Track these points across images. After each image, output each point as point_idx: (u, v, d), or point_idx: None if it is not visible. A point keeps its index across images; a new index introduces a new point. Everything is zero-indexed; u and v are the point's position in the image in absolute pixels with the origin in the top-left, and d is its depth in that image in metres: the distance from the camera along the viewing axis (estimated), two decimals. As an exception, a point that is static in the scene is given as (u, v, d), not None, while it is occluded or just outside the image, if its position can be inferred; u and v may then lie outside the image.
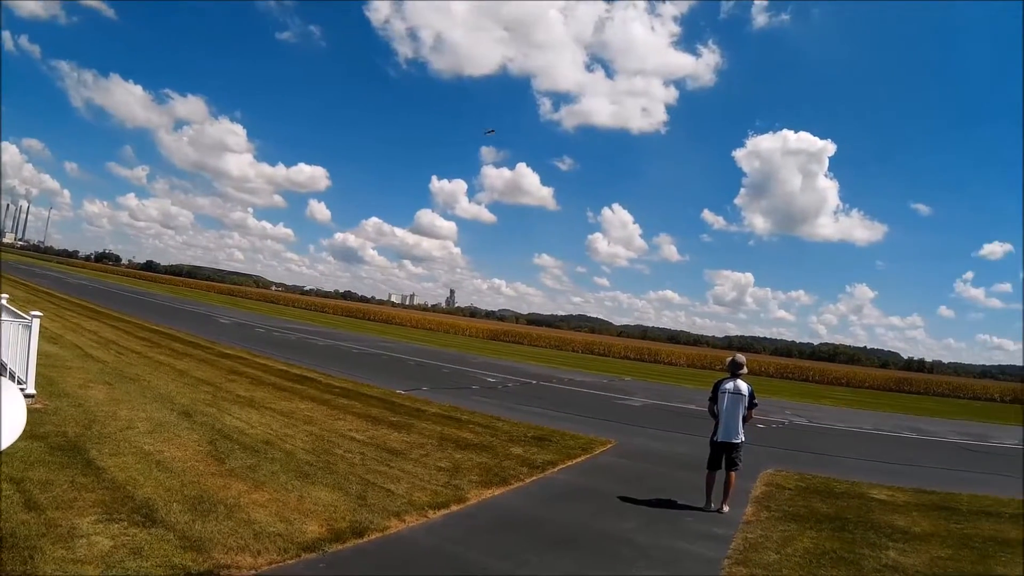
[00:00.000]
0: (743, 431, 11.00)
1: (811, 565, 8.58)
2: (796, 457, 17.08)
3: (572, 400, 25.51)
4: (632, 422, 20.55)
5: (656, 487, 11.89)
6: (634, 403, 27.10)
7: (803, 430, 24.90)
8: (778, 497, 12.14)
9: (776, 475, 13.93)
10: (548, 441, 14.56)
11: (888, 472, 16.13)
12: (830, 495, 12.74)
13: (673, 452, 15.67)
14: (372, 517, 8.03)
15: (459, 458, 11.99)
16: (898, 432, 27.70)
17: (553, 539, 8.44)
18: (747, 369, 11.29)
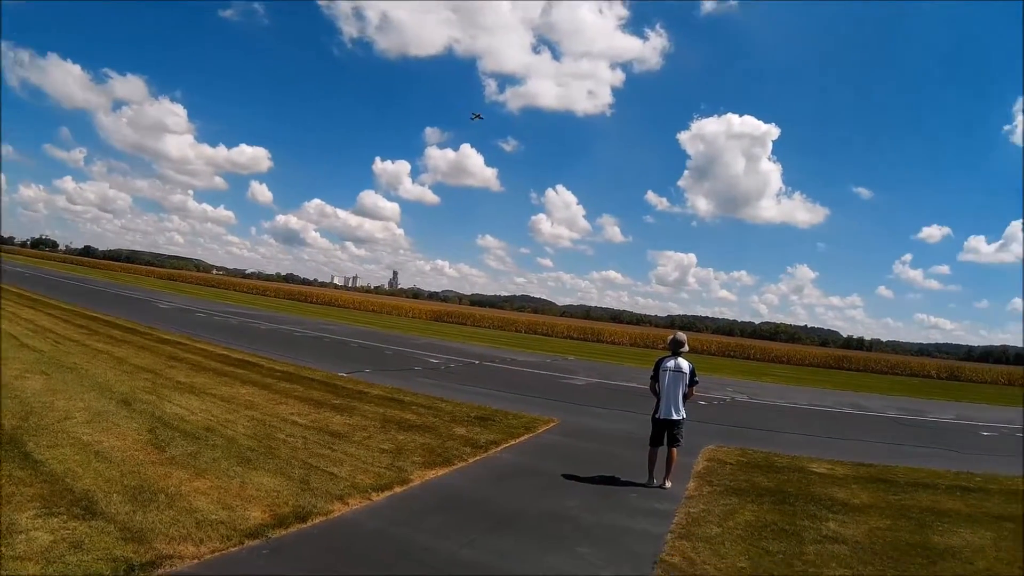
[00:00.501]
0: (684, 408, 11.15)
1: (753, 538, 8.73)
2: (737, 433, 17.29)
3: (515, 380, 25.61)
4: (575, 401, 20.73)
5: (599, 465, 11.97)
6: (577, 382, 27.25)
7: (744, 407, 25.20)
8: (720, 472, 12.31)
9: (718, 451, 14.12)
10: (491, 421, 14.64)
11: (828, 447, 16.46)
12: (771, 469, 12.95)
13: (616, 430, 15.81)
14: (315, 501, 8.03)
15: (402, 440, 11.99)
16: (837, 408, 28.17)
17: (497, 518, 8.49)
18: (688, 347, 11.42)
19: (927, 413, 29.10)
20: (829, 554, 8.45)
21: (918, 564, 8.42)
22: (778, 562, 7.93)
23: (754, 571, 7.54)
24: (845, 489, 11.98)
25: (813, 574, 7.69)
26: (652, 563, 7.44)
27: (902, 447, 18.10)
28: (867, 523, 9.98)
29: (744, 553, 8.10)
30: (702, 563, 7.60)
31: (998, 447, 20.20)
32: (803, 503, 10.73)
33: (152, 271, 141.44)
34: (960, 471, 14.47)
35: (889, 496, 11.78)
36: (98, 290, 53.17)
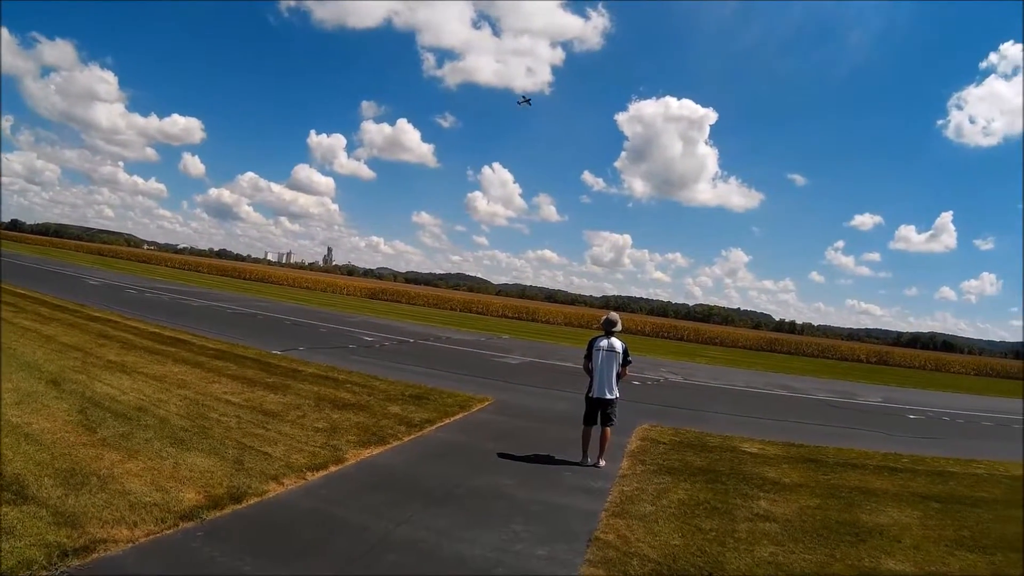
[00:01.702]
0: (617, 388, 11.22)
1: (686, 516, 8.85)
2: (671, 413, 17.45)
3: (450, 358, 25.65)
4: (509, 380, 20.74)
5: (533, 443, 12.06)
6: (512, 361, 27.39)
7: (678, 387, 25.45)
8: (653, 451, 12.45)
9: (651, 430, 14.28)
10: (426, 399, 14.61)
11: (759, 427, 16.71)
12: (703, 449, 13.13)
13: (550, 409, 15.93)
14: (250, 482, 7.96)
15: (337, 418, 11.95)
16: (769, 389, 28.57)
17: (432, 497, 8.49)
18: (621, 327, 11.47)
19: (856, 396, 29.76)
20: (760, 532, 8.59)
21: (847, 542, 8.59)
22: (711, 539, 8.04)
23: (687, 548, 7.64)
24: (776, 468, 12.18)
25: (745, 551, 7.80)
26: (586, 540, 7.50)
27: (832, 428, 18.51)
28: (797, 502, 10.17)
29: (677, 531, 8.20)
30: (636, 540, 7.67)
31: (924, 429, 20.71)
32: (735, 482, 10.89)
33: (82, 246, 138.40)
34: (888, 452, 14.84)
35: (819, 476, 12.01)
36: (26, 266, 51.95)
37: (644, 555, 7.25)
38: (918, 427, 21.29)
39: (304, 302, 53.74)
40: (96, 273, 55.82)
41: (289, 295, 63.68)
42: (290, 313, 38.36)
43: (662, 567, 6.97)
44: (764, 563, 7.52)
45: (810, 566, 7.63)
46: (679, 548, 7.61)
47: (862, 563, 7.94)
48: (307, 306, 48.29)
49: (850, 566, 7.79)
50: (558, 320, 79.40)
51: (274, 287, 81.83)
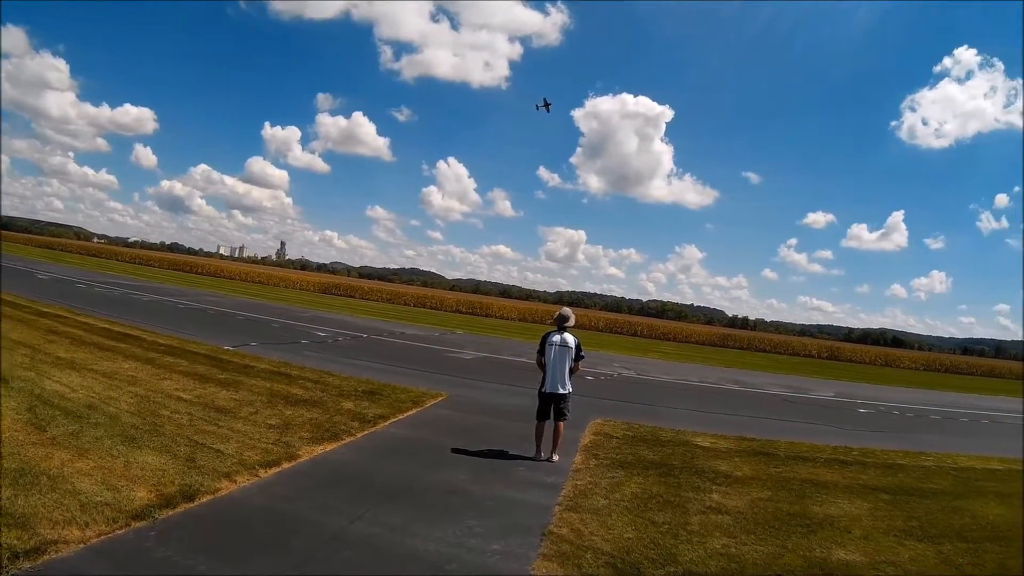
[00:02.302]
0: (570, 382, 11.24)
1: (639, 509, 8.93)
2: (624, 408, 17.61)
3: (403, 354, 25.53)
4: (463, 375, 20.79)
5: (487, 438, 12.08)
6: (465, 356, 27.33)
7: (631, 382, 25.59)
8: (606, 446, 12.52)
9: (604, 425, 14.36)
10: (379, 395, 14.57)
11: (712, 421, 16.89)
12: (656, 443, 13.21)
13: (504, 404, 15.91)
14: (202, 479, 7.89)
15: (289, 415, 11.88)
16: (722, 384, 28.92)
17: (386, 493, 8.48)
18: (574, 322, 11.53)
19: (808, 390, 30.18)
20: (713, 524, 8.69)
21: (798, 533, 8.71)
22: (664, 532, 8.11)
23: (640, 541, 7.69)
24: (728, 462, 12.31)
25: (697, 543, 7.87)
26: (540, 535, 7.55)
27: (783, 422, 18.69)
28: (749, 494, 10.30)
29: (631, 524, 8.28)
30: (590, 534, 7.72)
31: (874, 423, 21.00)
32: (687, 475, 11.00)
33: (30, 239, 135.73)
34: (838, 445, 15.06)
35: (770, 468, 12.16)
36: (-30, 261, 51.19)
37: (598, 548, 7.30)
38: (868, 421, 21.60)
39: (257, 297, 53.31)
40: (45, 267, 54.96)
41: (242, 290, 63.00)
42: (243, 308, 37.97)
43: (616, 560, 7.02)
44: (717, 555, 7.60)
45: (762, 557, 7.71)
46: (632, 541, 7.66)
47: (813, 554, 8.05)
48: (260, 301, 47.88)
49: (801, 557, 7.88)
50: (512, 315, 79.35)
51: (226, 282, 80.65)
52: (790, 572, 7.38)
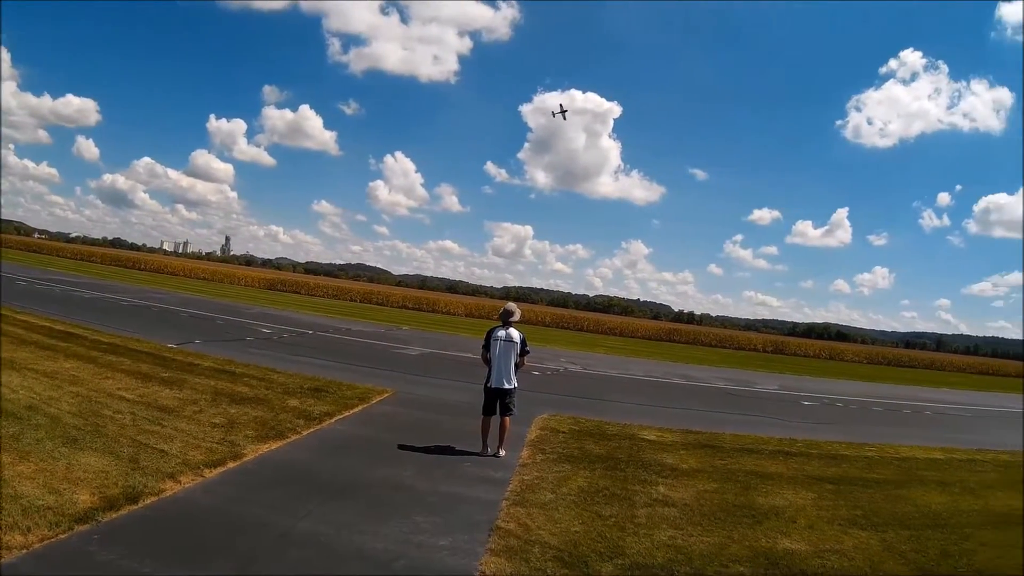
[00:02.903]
0: (516, 378, 11.29)
1: (586, 503, 8.98)
2: (570, 402, 17.70)
3: (349, 350, 25.49)
4: (410, 371, 20.82)
5: (434, 434, 12.07)
6: (412, 352, 27.34)
7: (577, 377, 25.88)
8: (552, 440, 12.57)
9: (551, 419, 14.40)
10: (325, 392, 14.48)
11: (658, 415, 17.02)
12: (603, 437, 13.30)
13: (450, 400, 15.93)
14: (146, 481, 7.76)
15: (234, 413, 11.74)
16: (668, 378, 29.26)
17: (332, 490, 8.44)
18: (519, 317, 11.55)
19: (753, 384, 30.61)
20: (660, 516, 8.76)
21: (744, 524, 8.81)
22: (611, 525, 8.16)
23: (588, 534, 7.73)
24: (674, 455, 12.42)
25: (644, 535, 7.93)
26: (488, 530, 7.55)
27: (729, 415, 18.98)
28: (695, 486, 10.40)
29: (578, 518, 8.31)
30: (537, 529, 7.74)
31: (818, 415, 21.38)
32: (634, 469, 11.08)
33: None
34: (783, 437, 15.31)
35: (716, 461, 12.29)
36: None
37: (545, 542, 7.32)
38: (812, 413, 22.01)
39: (201, 293, 52.55)
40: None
41: (186, 286, 62.17)
42: (186, 305, 37.48)
43: (563, 554, 7.04)
44: (664, 546, 7.66)
45: (708, 548, 7.79)
46: (580, 534, 7.70)
47: (759, 544, 8.14)
48: (204, 297, 47.25)
49: (747, 547, 7.97)
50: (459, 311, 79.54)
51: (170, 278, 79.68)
52: (736, 562, 7.46)
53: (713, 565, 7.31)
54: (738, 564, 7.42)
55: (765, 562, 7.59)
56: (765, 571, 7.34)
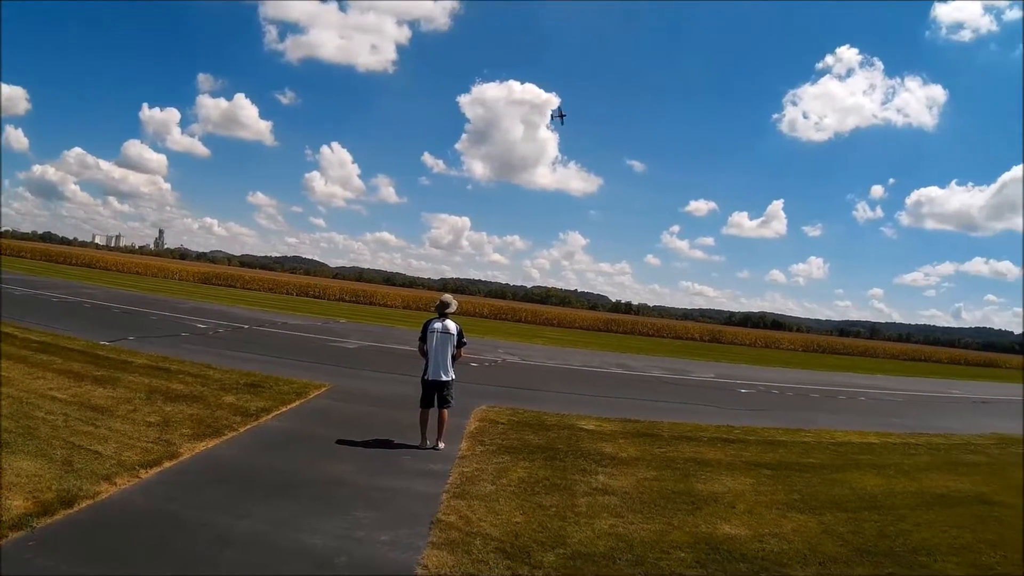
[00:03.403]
0: (453, 369, 11.32)
1: (526, 493, 9.04)
2: (509, 393, 17.79)
3: (286, 344, 25.28)
4: (347, 365, 20.63)
5: (372, 428, 12.03)
6: (349, 345, 27.17)
7: (515, 368, 25.91)
8: (492, 432, 12.62)
9: (489, 411, 14.46)
10: (261, 388, 14.34)
11: (596, 405, 17.19)
12: (542, 427, 13.37)
13: (388, 393, 15.91)
14: (81, 484, 7.60)
15: (169, 411, 11.58)
16: (606, 368, 29.53)
17: (271, 488, 8.37)
18: (456, 308, 11.60)
19: (690, 373, 30.95)
20: (600, 505, 8.85)
21: (684, 510, 8.93)
22: (552, 515, 8.21)
23: (529, 525, 7.76)
24: (613, 444, 12.54)
25: (585, 524, 7.99)
26: (429, 523, 7.55)
27: (667, 404, 19.21)
28: (635, 475, 10.52)
29: (519, 508, 8.36)
30: (478, 520, 7.76)
31: (755, 402, 21.69)
32: (573, 458, 11.18)
33: None
34: (721, 424, 15.55)
35: (655, 449, 12.43)
36: None
37: (487, 534, 7.33)
38: (749, 400, 22.37)
39: (134, 288, 51.57)
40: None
41: (118, 281, 61.00)
42: (119, 300, 36.87)
43: (505, 545, 7.06)
44: (605, 535, 7.72)
45: (649, 535, 7.86)
46: (521, 525, 7.73)
47: (699, 529, 8.24)
48: (137, 292, 46.43)
49: (688, 533, 8.06)
50: (396, 303, 79.05)
51: (102, 273, 77.96)
52: (677, 548, 7.52)
53: (654, 552, 7.37)
54: (679, 550, 7.49)
55: (706, 547, 7.68)
56: (706, 556, 7.43)
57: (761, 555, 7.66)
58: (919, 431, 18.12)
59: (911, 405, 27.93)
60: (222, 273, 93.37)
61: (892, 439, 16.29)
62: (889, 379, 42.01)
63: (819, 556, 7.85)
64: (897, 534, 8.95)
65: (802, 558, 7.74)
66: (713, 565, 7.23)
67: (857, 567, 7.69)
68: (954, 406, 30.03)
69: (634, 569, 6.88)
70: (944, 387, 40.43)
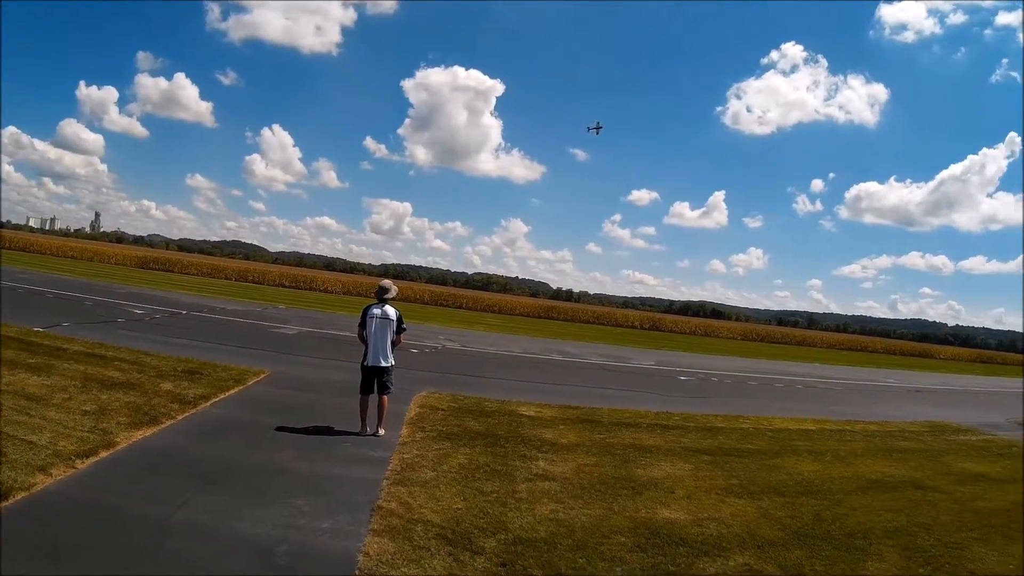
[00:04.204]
0: (393, 355, 11.31)
1: (467, 480, 9.08)
2: (449, 379, 17.79)
3: (225, 330, 24.98)
4: (287, 351, 20.48)
5: (312, 415, 11.97)
6: (288, 331, 26.95)
7: (456, 354, 25.94)
8: (432, 418, 12.62)
9: (430, 397, 14.45)
10: (200, 374, 14.16)
11: (536, 391, 17.30)
12: (482, 414, 13.40)
13: (328, 379, 15.81)
14: (15, 475, 7.43)
15: (105, 399, 11.36)
16: (546, 355, 29.71)
17: (210, 476, 8.27)
18: (395, 294, 11.55)
19: (630, 360, 31.30)
20: (540, 491, 8.92)
21: (624, 495, 9.02)
22: (492, 501, 8.25)
23: (470, 511, 7.79)
24: (553, 430, 12.63)
25: (526, 510, 8.04)
26: (370, 510, 7.56)
27: (607, 391, 19.39)
28: (575, 460, 10.61)
29: (459, 495, 8.40)
30: (419, 507, 7.77)
31: (694, 389, 21.95)
32: (514, 444, 11.24)
33: None
34: (660, 411, 15.74)
35: (595, 435, 12.54)
36: None
37: (428, 520, 7.34)
38: (689, 387, 22.66)
39: (69, 273, 50.65)
40: None
41: (52, 265, 59.72)
42: (53, 285, 36.02)
43: (446, 531, 7.08)
44: (545, 520, 7.77)
45: (590, 520, 7.93)
46: (462, 511, 7.76)
47: (639, 515, 8.34)
48: (72, 277, 45.49)
49: (628, 518, 8.15)
50: (336, 289, 78.53)
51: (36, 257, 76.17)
52: (617, 533, 7.58)
53: (595, 537, 7.44)
54: (619, 535, 7.57)
55: (646, 532, 7.77)
56: (646, 541, 7.51)
57: (700, 539, 7.76)
58: (855, 418, 18.52)
59: (847, 393, 28.47)
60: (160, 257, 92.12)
61: (829, 426, 16.63)
62: (826, 368, 42.84)
63: (757, 540, 7.98)
64: (834, 518, 9.13)
65: (740, 542, 7.86)
66: (653, 550, 7.31)
67: (795, 550, 7.83)
68: (889, 394, 30.70)
69: (575, 554, 6.92)
70: (879, 376, 41.27)
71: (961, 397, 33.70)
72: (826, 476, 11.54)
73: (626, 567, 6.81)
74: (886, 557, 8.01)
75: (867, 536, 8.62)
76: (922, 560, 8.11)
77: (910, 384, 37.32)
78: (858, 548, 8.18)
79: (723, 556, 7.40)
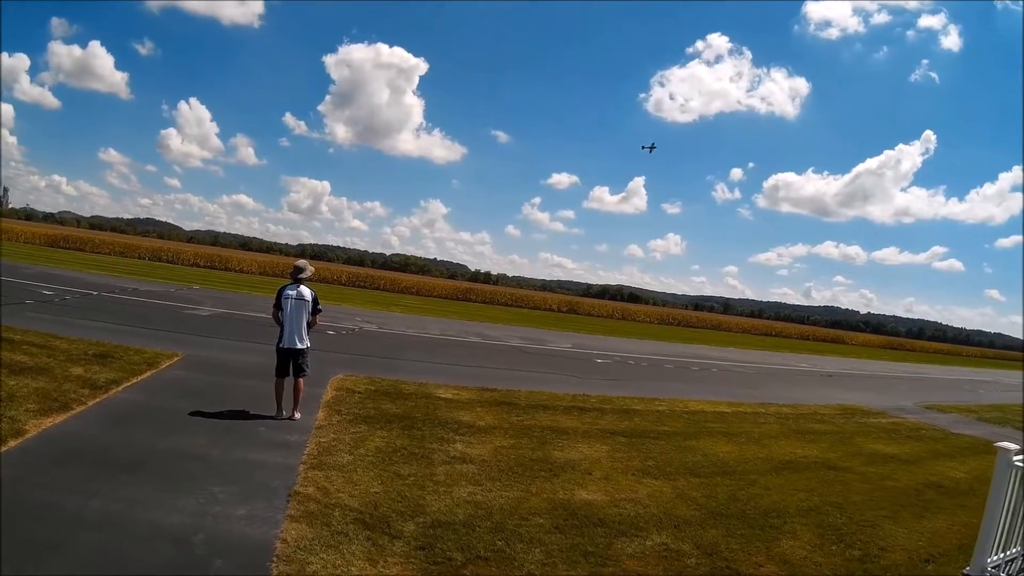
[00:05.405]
0: (308, 337, 11.20)
1: (384, 463, 9.07)
2: (366, 362, 17.70)
3: (137, 312, 24.32)
4: (200, 333, 20.16)
5: (227, 399, 11.79)
6: (203, 313, 26.53)
7: (373, 336, 25.83)
8: (349, 401, 12.58)
9: (346, 380, 14.40)
10: (111, 358, 13.82)
11: (454, 373, 17.31)
12: (399, 396, 13.40)
13: (243, 362, 15.60)
14: (-84, 465, 7.26)
15: (12, 385, 10.97)
16: (463, 337, 29.71)
17: (122, 464, 8.08)
18: (311, 274, 11.41)
19: (547, 342, 31.59)
20: (458, 473, 8.96)
21: (542, 477, 9.10)
22: (410, 484, 8.26)
23: (388, 495, 7.78)
24: (470, 412, 12.68)
25: (444, 493, 8.06)
26: (286, 496, 7.49)
27: (524, 373, 19.51)
28: (492, 443, 10.68)
29: (377, 478, 8.39)
30: (336, 491, 7.73)
31: (611, 372, 22.15)
32: (431, 427, 11.29)
33: None
34: (577, 393, 15.89)
35: (512, 417, 12.61)
36: None
37: (346, 505, 7.31)
38: (605, 370, 22.89)
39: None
40: None
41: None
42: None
43: (364, 515, 7.06)
44: (464, 503, 7.79)
45: (508, 502, 7.97)
46: (380, 495, 7.74)
47: (557, 496, 8.40)
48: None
49: (546, 500, 8.21)
50: (252, 269, 77.70)
51: (-62, 239, 74.87)
52: (536, 515, 7.62)
53: (513, 519, 7.47)
54: (538, 516, 7.62)
55: (564, 513, 7.83)
56: (564, 522, 7.57)
57: (618, 519, 7.85)
58: (769, 401, 18.98)
59: (762, 377, 29.15)
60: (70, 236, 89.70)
61: (743, 408, 17.01)
62: (741, 352, 43.79)
63: (674, 519, 8.12)
64: (748, 498, 9.33)
65: (657, 522, 7.97)
66: (571, 531, 7.37)
67: (711, 529, 7.97)
68: (802, 378, 31.46)
69: (494, 536, 6.94)
70: (793, 360, 42.22)
71: (871, 382, 34.58)
72: (741, 457, 11.80)
73: (544, 548, 6.85)
74: (800, 535, 8.20)
75: (781, 515, 8.83)
76: (835, 537, 8.34)
77: (823, 369, 38.43)
78: (772, 527, 8.36)
79: (640, 536, 7.49)
